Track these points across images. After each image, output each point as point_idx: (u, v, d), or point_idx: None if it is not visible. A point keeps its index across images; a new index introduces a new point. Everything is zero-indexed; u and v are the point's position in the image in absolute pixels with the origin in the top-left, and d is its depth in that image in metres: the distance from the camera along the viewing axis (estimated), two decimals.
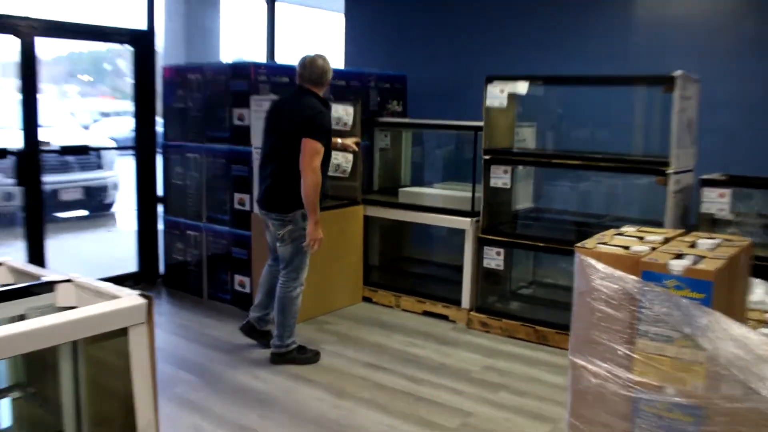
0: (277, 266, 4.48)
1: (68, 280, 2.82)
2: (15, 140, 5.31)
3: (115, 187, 9.94)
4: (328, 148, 4.27)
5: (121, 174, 10.00)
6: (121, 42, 5.76)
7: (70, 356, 2.86)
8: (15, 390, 3.33)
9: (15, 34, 5.00)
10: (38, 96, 5.18)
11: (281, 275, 4.38)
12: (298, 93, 4.32)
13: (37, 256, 5.31)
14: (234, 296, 5.47)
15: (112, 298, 2.58)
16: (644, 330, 2.45)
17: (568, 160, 4.81)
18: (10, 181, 8.14)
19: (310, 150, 4.09)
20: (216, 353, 4.58)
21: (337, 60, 7.50)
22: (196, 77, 5.54)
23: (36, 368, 3.29)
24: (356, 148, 5.07)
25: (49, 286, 2.82)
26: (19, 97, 5.10)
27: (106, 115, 21.21)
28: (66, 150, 5.92)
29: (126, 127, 18.62)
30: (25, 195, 5.28)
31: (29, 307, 2.78)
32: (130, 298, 2.50)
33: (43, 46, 5.16)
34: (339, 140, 4.90)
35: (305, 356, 4.44)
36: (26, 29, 5.03)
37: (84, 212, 9.94)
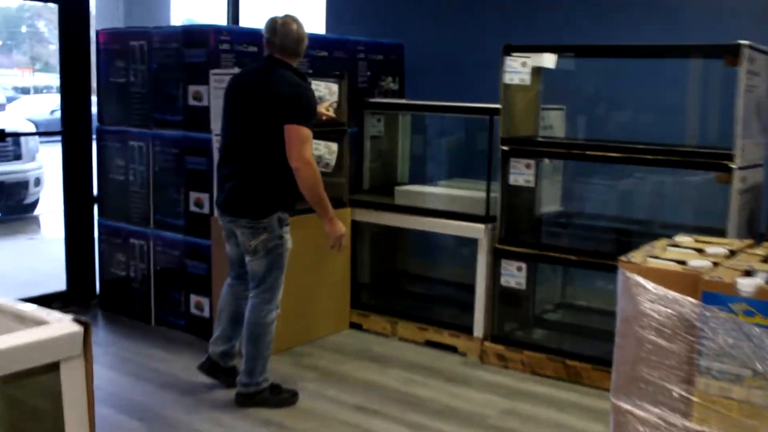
0: (241, 285, 4.47)
1: None
2: None
3: (38, 183, 9.93)
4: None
5: (45, 167, 9.98)
6: None
7: None
8: None
9: None
10: None
11: (252, 296, 4.37)
12: (268, 66, 4.29)
13: None
14: (189, 321, 5.45)
15: (37, 324, 2.57)
16: (706, 366, 2.46)
17: (605, 152, 4.82)
18: None
19: (299, 138, 4.06)
20: (168, 394, 4.56)
21: (315, 24, 7.52)
22: (140, 45, 5.55)
23: None
24: (332, 114, 5.00)
25: None
26: None
27: (24, 91, 21.14)
28: None
29: (49, 106, 18.59)
30: None
31: None
32: (62, 324, 2.49)
33: None
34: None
35: (280, 397, 4.43)
36: None
37: None
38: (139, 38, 5.56)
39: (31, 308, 2.67)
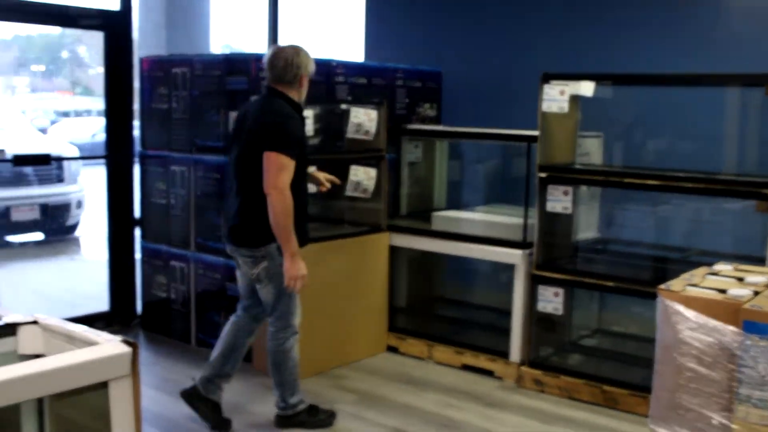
0: (246, 318, 4.48)
1: (34, 322, 2.89)
2: None
3: (80, 205, 10.08)
4: (303, 164, 4.22)
5: (87, 189, 10.15)
6: (91, 26, 5.88)
7: (34, 415, 2.92)
8: None
9: None
10: None
11: (269, 324, 4.38)
12: (264, 95, 4.32)
13: None
14: None
15: (88, 344, 2.64)
16: (745, 395, 2.46)
17: (643, 179, 4.82)
18: None
19: (275, 165, 4.01)
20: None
21: (355, 52, 7.62)
22: (183, 72, 5.65)
23: None
24: (326, 185, 4.78)
25: (9, 329, 2.88)
26: None
27: (64, 114, 21.44)
28: (21, 160, 6.01)
29: (89, 130, 18.79)
30: None
31: None
32: (111, 345, 2.55)
33: None
34: (313, 170, 4.76)
35: (317, 419, 4.47)
36: None
37: (40, 236, 10.08)
38: (181, 65, 5.67)
39: (81, 329, 2.74)
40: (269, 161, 4.02)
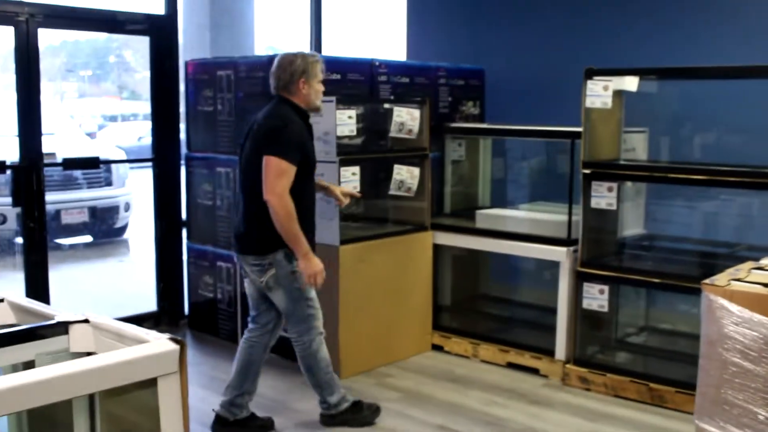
0: (256, 330, 4.46)
1: (85, 321, 2.97)
2: (10, 151, 5.56)
3: (128, 207, 10.27)
4: (307, 169, 4.19)
5: (134, 192, 10.33)
6: (137, 31, 5.99)
7: (86, 412, 3.00)
8: None
9: (11, 24, 5.25)
10: (40, 99, 5.44)
11: (290, 332, 4.38)
12: (270, 102, 4.33)
13: (37, 291, 5.53)
14: (276, 342, 5.58)
15: (137, 342, 2.71)
16: None
17: (688, 174, 4.80)
18: (3, 200, 8.53)
19: (273, 170, 4.00)
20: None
21: (398, 51, 7.66)
22: (227, 74, 5.73)
23: (41, 425, 3.45)
24: (342, 201, 4.70)
25: (62, 328, 2.97)
26: (17, 99, 5.35)
27: (112, 119, 21.78)
28: (71, 163, 6.15)
29: (136, 134, 19.04)
30: (24, 217, 5.51)
31: (39, 353, 2.94)
32: (160, 343, 2.62)
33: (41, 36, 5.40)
34: (326, 184, 4.71)
35: (361, 415, 4.50)
36: (24, 17, 5.28)
37: (89, 238, 10.28)
38: (226, 68, 5.75)
39: (131, 327, 2.82)
40: (268, 166, 4.02)
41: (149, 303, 6.39)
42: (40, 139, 5.47)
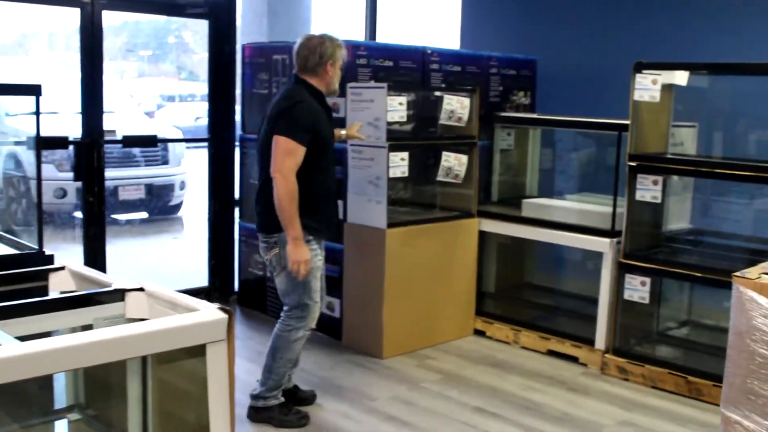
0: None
1: (140, 289, 3.15)
2: (72, 128, 5.78)
3: (183, 186, 10.52)
4: (320, 149, 4.22)
5: (190, 171, 10.58)
6: (197, 15, 6.17)
7: (138, 378, 3.18)
8: (74, 411, 3.70)
9: (77, 6, 5.47)
10: (103, 79, 5.65)
11: (282, 313, 4.43)
12: (288, 84, 4.41)
13: (95, 263, 5.75)
14: (320, 320, 5.68)
15: (188, 310, 2.88)
16: None
17: (735, 170, 4.82)
18: (64, 175, 8.81)
19: (281, 149, 4.06)
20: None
21: (451, 41, 7.75)
22: (283, 58, 5.88)
23: (97, 389, 3.65)
24: (361, 136, 4.93)
25: (119, 295, 3.16)
26: (80, 78, 5.56)
27: (169, 98, 22.13)
28: (130, 141, 6.37)
29: (193, 114, 19.28)
30: (84, 192, 5.73)
31: (97, 317, 3.13)
32: (209, 311, 2.79)
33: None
34: (342, 132, 4.86)
35: (286, 418, 4.36)
36: (90, 0, 5.49)
37: (144, 214, 10.56)
38: (281, 52, 5.90)
39: (183, 296, 3.00)
40: (276, 145, 4.08)
41: (201, 279, 6.60)
42: (101, 117, 5.68)
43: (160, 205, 10.49)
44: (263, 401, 4.39)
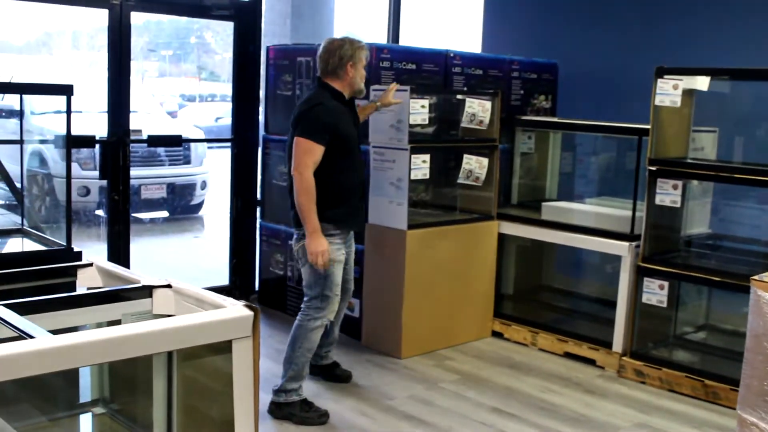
0: None
1: (167, 286, 3.22)
2: (96, 126, 5.87)
3: (204, 185, 10.62)
4: (342, 148, 4.45)
5: (211, 171, 10.68)
6: (223, 17, 6.25)
7: (164, 373, 3.25)
8: (98, 405, 3.78)
9: (106, 6, 5.55)
10: (130, 79, 5.74)
11: (302, 304, 4.62)
12: (312, 88, 4.65)
13: (119, 260, 5.82)
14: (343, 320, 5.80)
15: (215, 307, 2.95)
16: None
17: (756, 175, 4.84)
18: (87, 173, 8.93)
19: (300, 149, 4.34)
20: (318, 384, 4.93)
21: (473, 43, 7.80)
22: (307, 60, 5.93)
23: (121, 383, 3.73)
24: (396, 101, 5.13)
25: (146, 291, 3.23)
26: (107, 77, 5.65)
27: (190, 98, 22.29)
28: (155, 141, 6.45)
29: (213, 114, 19.39)
30: (110, 190, 5.82)
31: (125, 313, 3.20)
32: (236, 308, 2.86)
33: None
34: (377, 103, 5.10)
35: (306, 416, 4.45)
36: (118, 1, 5.57)
37: (165, 213, 10.67)
38: (305, 54, 5.96)
39: (210, 294, 3.07)
40: (296, 145, 4.36)
41: (222, 278, 6.67)
42: (128, 117, 5.76)
43: (182, 204, 10.61)
44: (285, 396, 4.50)
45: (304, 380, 4.57)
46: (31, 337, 2.47)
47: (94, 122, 6.34)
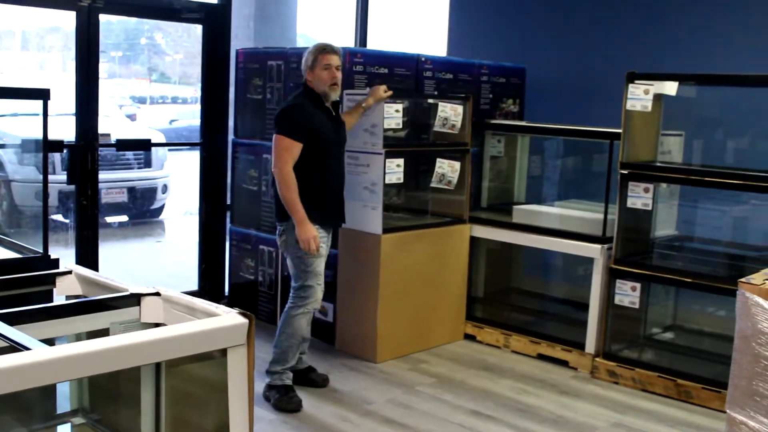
0: None
1: (156, 294, 3.18)
2: (60, 130, 5.77)
3: (165, 189, 10.49)
4: (318, 147, 4.66)
5: (171, 174, 10.56)
6: (193, 19, 6.19)
7: (152, 382, 3.21)
8: (78, 415, 3.72)
9: (74, 8, 5.47)
10: (98, 82, 5.65)
11: (290, 293, 4.85)
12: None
13: (89, 267, 5.73)
14: (313, 325, 5.75)
15: (207, 315, 2.91)
16: None
17: (725, 179, 4.93)
18: (56, 177, 8.77)
19: (278, 148, 4.60)
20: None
21: (439, 47, 7.83)
22: (278, 64, 5.92)
23: (102, 393, 3.67)
24: (384, 95, 5.23)
25: (134, 299, 3.18)
26: (75, 80, 5.56)
27: (140, 100, 22.00)
28: (124, 145, 6.38)
29: (166, 117, 19.07)
30: (78, 196, 5.73)
31: (113, 322, 3.15)
32: (230, 316, 2.82)
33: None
34: (369, 99, 5.22)
35: (280, 400, 4.67)
36: (86, 3, 5.49)
37: (125, 218, 10.53)
38: (276, 58, 5.94)
39: (200, 301, 3.02)
40: (275, 143, 4.62)
41: (189, 283, 6.59)
42: (96, 120, 5.68)
43: (142, 209, 10.46)
44: (270, 378, 4.77)
45: (288, 365, 4.75)
46: (27, 348, 2.42)
47: (54, 126, 6.23)
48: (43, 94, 3.73)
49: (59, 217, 9.41)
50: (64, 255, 5.77)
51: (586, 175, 6.44)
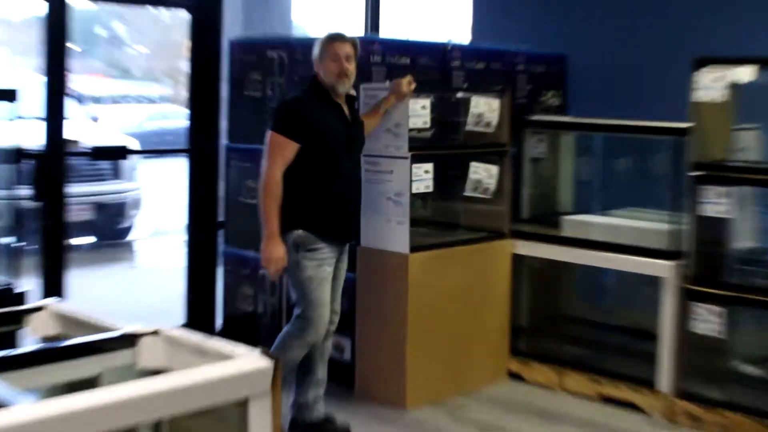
0: None
1: (154, 332, 3.01)
2: (32, 137, 5.63)
3: (136, 205, 10.29)
4: (324, 147, 4.60)
5: (144, 186, 10.37)
6: (180, 5, 6.10)
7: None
8: None
9: None
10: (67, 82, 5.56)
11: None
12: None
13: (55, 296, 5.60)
14: (330, 365, 5.56)
15: (220, 357, 2.73)
16: None
17: None
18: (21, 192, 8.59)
19: (270, 144, 4.58)
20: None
21: (461, 33, 7.73)
22: (280, 55, 5.78)
23: None
24: (407, 90, 5.09)
25: (128, 341, 3.01)
26: (46, 81, 5.45)
27: (96, 100, 21.85)
28: (100, 153, 6.24)
29: (136, 118, 19.04)
30: (44, 213, 5.58)
31: (106, 367, 2.97)
32: (250, 359, 2.65)
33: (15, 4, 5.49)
34: (390, 97, 5.11)
35: None
36: None
37: (91, 239, 10.32)
38: (277, 48, 5.82)
39: (209, 341, 2.85)
40: (267, 140, 4.63)
41: (170, 316, 6.39)
42: (62, 125, 5.56)
43: (108, 229, 10.19)
44: None
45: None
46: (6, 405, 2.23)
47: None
48: (8, 96, 3.56)
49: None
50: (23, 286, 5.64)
51: (645, 178, 6.31)
